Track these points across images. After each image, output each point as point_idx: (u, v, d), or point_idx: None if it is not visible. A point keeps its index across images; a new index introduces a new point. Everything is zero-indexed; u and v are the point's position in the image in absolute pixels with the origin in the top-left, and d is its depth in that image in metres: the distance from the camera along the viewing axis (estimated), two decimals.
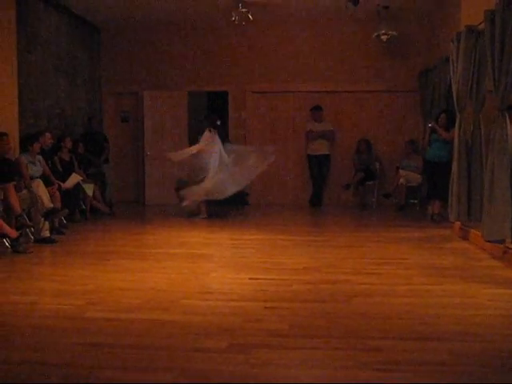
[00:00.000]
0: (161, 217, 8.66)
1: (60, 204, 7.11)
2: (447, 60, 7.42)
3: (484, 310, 3.92)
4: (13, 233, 5.82)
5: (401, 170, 9.25)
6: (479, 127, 6.44)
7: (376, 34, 9.42)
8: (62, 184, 7.50)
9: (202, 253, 5.98)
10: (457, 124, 6.72)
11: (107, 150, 9.79)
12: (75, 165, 8.29)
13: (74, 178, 7.86)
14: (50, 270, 5.41)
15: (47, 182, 6.98)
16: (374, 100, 10.33)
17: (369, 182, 9.93)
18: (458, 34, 6.56)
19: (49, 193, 6.72)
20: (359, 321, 3.66)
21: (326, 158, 10.22)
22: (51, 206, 6.60)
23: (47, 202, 6.54)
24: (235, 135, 10.54)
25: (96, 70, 10.50)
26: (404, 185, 9.12)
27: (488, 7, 5.52)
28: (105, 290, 4.41)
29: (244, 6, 8.67)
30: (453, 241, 6.68)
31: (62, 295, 4.30)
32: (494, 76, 5.41)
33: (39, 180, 6.72)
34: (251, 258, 5.73)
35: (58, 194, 7.11)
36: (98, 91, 10.57)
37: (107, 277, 4.87)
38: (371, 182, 9.92)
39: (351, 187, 9.94)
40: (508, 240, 5.37)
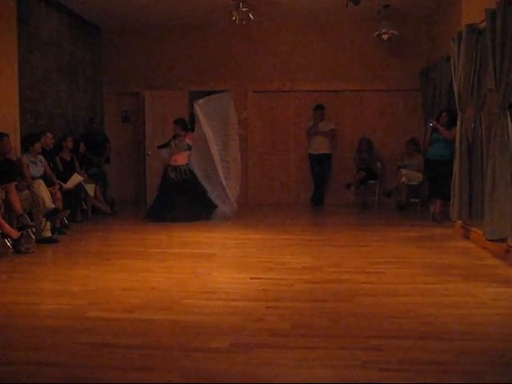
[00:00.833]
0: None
1: (61, 204, 7.11)
2: (448, 59, 7.41)
3: (486, 309, 3.91)
4: (14, 233, 5.83)
5: (402, 169, 9.24)
6: (480, 126, 6.43)
7: (377, 33, 9.41)
8: (63, 184, 7.51)
9: (204, 252, 5.98)
10: (458, 123, 6.71)
11: (108, 149, 9.79)
12: (76, 165, 8.29)
13: (76, 178, 7.86)
14: (52, 270, 5.41)
15: (48, 182, 6.99)
16: (374, 99, 10.33)
17: (370, 181, 9.92)
18: (459, 33, 6.55)
19: (50, 193, 6.72)
20: (361, 320, 3.65)
21: (327, 157, 10.22)
22: (52, 206, 6.61)
23: (48, 202, 6.54)
24: None
25: (97, 69, 10.50)
26: (405, 184, 9.11)
27: (489, 6, 5.52)
28: (106, 290, 4.42)
29: (245, 6, 8.66)
30: (454, 240, 6.68)
31: (63, 295, 4.30)
32: (495, 75, 5.41)
33: (40, 180, 6.73)
34: (253, 257, 5.73)
35: (59, 194, 7.11)
36: (99, 91, 10.58)
37: (108, 277, 4.88)
38: (372, 182, 9.92)
39: (352, 186, 9.94)
40: (510, 239, 5.36)
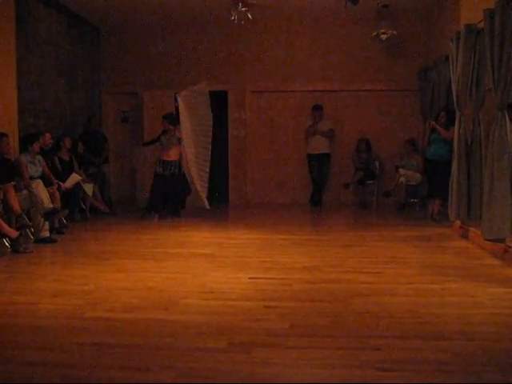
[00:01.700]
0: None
1: (60, 204, 7.10)
2: (447, 59, 7.42)
3: (484, 309, 3.92)
4: (13, 233, 5.82)
5: (401, 169, 9.24)
6: (479, 126, 6.43)
7: (375, 33, 9.42)
8: (61, 184, 7.50)
9: (202, 252, 5.98)
10: (456, 123, 6.71)
11: (107, 149, 9.79)
12: (75, 165, 8.28)
13: (74, 178, 7.85)
14: (50, 270, 5.41)
15: (47, 182, 6.98)
16: (373, 99, 10.33)
17: (369, 181, 9.93)
18: (458, 33, 6.56)
19: (48, 193, 6.72)
20: (359, 320, 3.66)
21: (326, 157, 10.21)
22: (51, 206, 6.60)
23: (47, 202, 6.54)
24: (235, 135, 10.56)
25: (95, 69, 10.50)
26: (404, 184, 9.11)
27: (487, 6, 5.52)
28: (104, 290, 4.41)
29: (243, 6, 8.66)
30: (453, 240, 6.69)
31: (61, 295, 4.30)
32: (494, 74, 5.41)
33: (39, 180, 6.72)
34: (251, 257, 5.73)
35: (57, 193, 7.11)
36: (97, 91, 10.57)
37: (107, 277, 4.87)
38: (371, 181, 9.92)
39: (351, 186, 9.94)
40: (508, 239, 5.37)
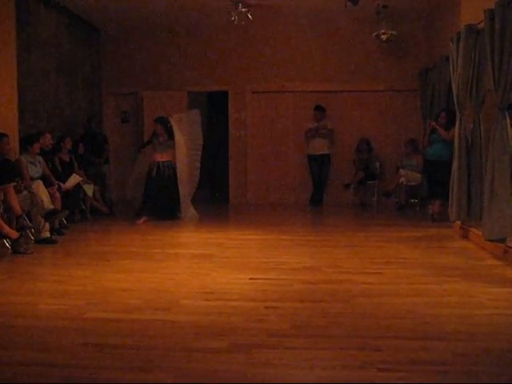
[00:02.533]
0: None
1: (60, 205, 7.10)
2: (447, 59, 7.42)
3: (485, 310, 3.92)
4: (13, 233, 5.82)
5: (401, 170, 9.24)
6: (479, 126, 6.43)
7: (376, 34, 9.42)
8: (62, 185, 7.50)
9: (203, 253, 5.97)
10: (457, 123, 6.71)
11: (107, 150, 9.79)
12: (75, 165, 8.28)
13: (74, 179, 7.85)
14: (51, 271, 5.40)
15: (47, 183, 6.98)
16: (373, 99, 10.33)
17: (369, 182, 9.93)
18: (458, 33, 6.56)
19: (49, 193, 6.72)
20: (360, 320, 3.66)
21: (326, 158, 10.22)
22: (51, 206, 6.60)
23: (47, 203, 6.54)
24: (235, 135, 10.56)
25: (96, 70, 10.50)
26: (404, 184, 9.11)
27: (488, 6, 5.52)
28: (105, 291, 4.41)
29: (244, 6, 8.68)
30: (453, 240, 6.68)
31: (62, 296, 4.30)
32: (494, 75, 5.41)
33: (39, 181, 6.72)
34: (252, 257, 5.73)
35: (58, 194, 7.11)
36: (97, 92, 10.57)
37: (107, 277, 4.87)
38: (371, 182, 9.92)
39: (351, 187, 9.95)
40: (509, 239, 5.36)
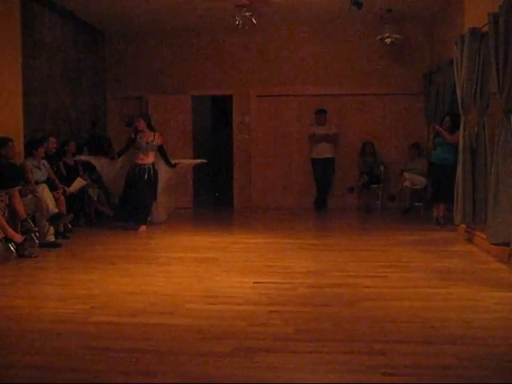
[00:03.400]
0: (165, 220, 8.63)
1: (65, 208, 7.12)
2: (451, 63, 7.41)
3: (489, 314, 3.90)
4: (18, 237, 5.83)
5: (405, 173, 9.23)
6: (483, 130, 6.42)
7: (380, 37, 9.42)
8: (66, 188, 7.52)
9: (207, 257, 5.97)
10: (461, 127, 6.70)
11: (111, 154, 9.80)
12: (80, 169, 8.30)
13: (79, 183, 7.87)
14: (55, 275, 5.42)
15: (52, 187, 7.00)
16: (377, 103, 10.32)
17: (373, 185, 9.91)
18: (462, 37, 6.56)
19: (53, 197, 6.74)
20: (364, 324, 3.64)
21: (330, 161, 10.20)
22: (56, 210, 6.61)
23: (52, 207, 6.55)
24: (239, 139, 10.57)
25: (100, 74, 10.53)
26: (409, 187, 9.10)
27: (492, 10, 5.52)
28: (109, 294, 4.42)
29: (248, 10, 8.68)
30: (458, 244, 6.66)
31: (66, 299, 4.30)
32: (498, 78, 5.41)
33: (44, 185, 6.74)
34: (256, 261, 5.73)
35: (62, 198, 7.12)
36: (102, 96, 10.60)
37: (112, 281, 4.88)
38: (376, 186, 9.91)
39: (355, 190, 9.93)
40: None
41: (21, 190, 6.29)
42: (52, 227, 6.55)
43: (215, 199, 11.77)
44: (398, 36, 9.36)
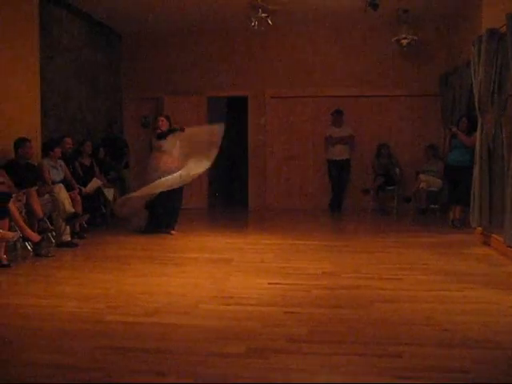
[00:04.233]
0: (180, 221, 8.67)
1: (81, 208, 7.17)
2: (468, 64, 7.35)
3: (506, 317, 3.87)
4: (35, 237, 5.90)
5: (421, 175, 9.16)
6: (501, 131, 6.36)
7: (396, 39, 9.38)
8: (82, 189, 7.58)
9: (221, 257, 5.99)
10: (478, 128, 6.64)
11: (127, 154, 9.88)
12: (96, 170, 8.36)
13: (95, 183, 7.93)
14: (71, 274, 5.45)
15: (68, 187, 7.06)
16: (394, 104, 10.27)
17: (389, 187, 9.86)
18: (479, 37, 6.50)
19: (70, 197, 6.79)
20: (379, 327, 3.63)
21: (346, 163, 10.18)
22: (72, 210, 6.67)
23: (68, 207, 6.61)
24: (255, 140, 10.58)
25: (117, 75, 10.61)
26: (425, 189, 9.04)
27: (509, 10, 5.47)
28: (125, 294, 4.45)
29: (263, 11, 8.69)
30: (474, 246, 6.61)
31: (82, 299, 4.34)
32: None
33: (61, 185, 6.80)
34: (270, 262, 5.73)
35: (79, 198, 7.18)
36: (118, 96, 10.68)
37: (128, 281, 4.91)
38: (391, 187, 9.85)
39: (371, 192, 9.89)
40: None
41: (38, 190, 6.36)
42: (68, 227, 6.61)
43: (230, 200, 11.78)
44: (414, 37, 9.30)
